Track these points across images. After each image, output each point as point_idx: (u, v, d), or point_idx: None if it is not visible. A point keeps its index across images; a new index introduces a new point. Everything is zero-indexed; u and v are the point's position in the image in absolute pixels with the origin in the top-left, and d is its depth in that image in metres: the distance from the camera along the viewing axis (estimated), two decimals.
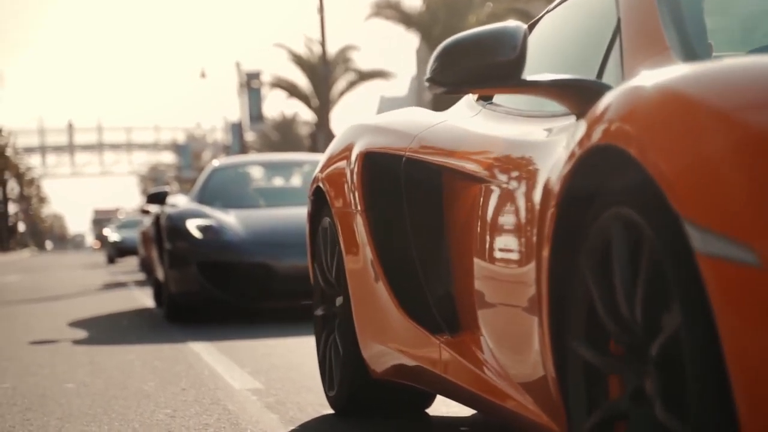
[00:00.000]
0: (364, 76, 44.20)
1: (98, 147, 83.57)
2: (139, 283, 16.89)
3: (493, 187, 2.87)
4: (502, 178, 2.83)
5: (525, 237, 2.57)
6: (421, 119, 3.61)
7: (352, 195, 3.67)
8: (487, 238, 2.87)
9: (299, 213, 8.60)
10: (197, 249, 8.70)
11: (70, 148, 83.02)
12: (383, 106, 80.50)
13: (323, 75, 29.69)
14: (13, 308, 12.01)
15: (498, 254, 2.81)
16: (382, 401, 3.95)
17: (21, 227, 71.08)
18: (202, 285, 8.58)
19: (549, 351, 2.37)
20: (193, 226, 8.83)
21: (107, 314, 10.35)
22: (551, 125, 2.78)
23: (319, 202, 4.13)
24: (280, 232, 8.75)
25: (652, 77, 1.99)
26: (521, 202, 2.64)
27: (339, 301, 3.91)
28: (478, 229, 2.94)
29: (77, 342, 7.58)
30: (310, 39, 43.44)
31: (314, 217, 4.23)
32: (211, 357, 6.26)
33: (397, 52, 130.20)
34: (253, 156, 13.17)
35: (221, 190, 10.07)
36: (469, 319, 3.04)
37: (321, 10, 27.90)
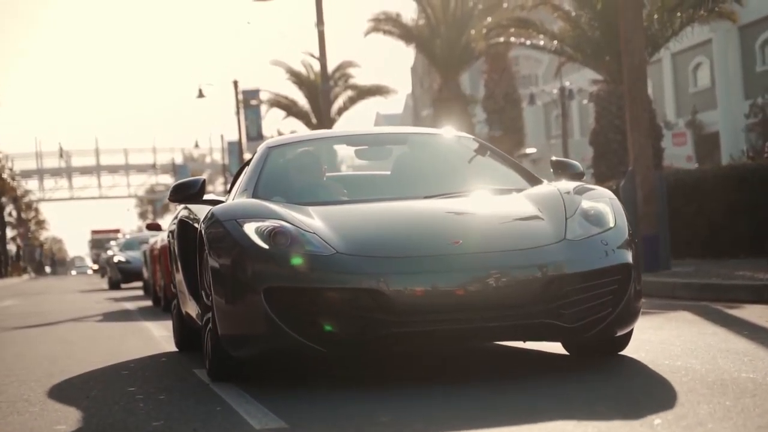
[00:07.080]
0: (363, 93, 43.56)
1: (96, 169, 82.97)
2: (143, 311, 16.00)
3: None
4: None
5: None
6: None
7: None
8: None
9: (412, 209, 5.89)
10: (264, 267, 5.29)
11: (68, 172, 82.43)
12: (380, 123, 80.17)
13: (323, 92, 28.96)
14: (4, 335, 11.28)
15: None
16: None
17: (20, 252, 70.35)
18: (271, 324, 5.20)
19: None
20: (252, 230, 5.45)
21: (107, 338, 9.62)
22: None
23: None
24: (391, 239, 5.43)
25: None
26: None
27: None
28: None
29: (73, 373, 6.86)
30: (308, 55, 42.76)
31: None
32: (222, 389, 5.52)
33: (394, 69, 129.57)
34: (321, 132, 8.36)
35: (283, 180, 6.63)
36: None
37: (320, 23, 27.21)
